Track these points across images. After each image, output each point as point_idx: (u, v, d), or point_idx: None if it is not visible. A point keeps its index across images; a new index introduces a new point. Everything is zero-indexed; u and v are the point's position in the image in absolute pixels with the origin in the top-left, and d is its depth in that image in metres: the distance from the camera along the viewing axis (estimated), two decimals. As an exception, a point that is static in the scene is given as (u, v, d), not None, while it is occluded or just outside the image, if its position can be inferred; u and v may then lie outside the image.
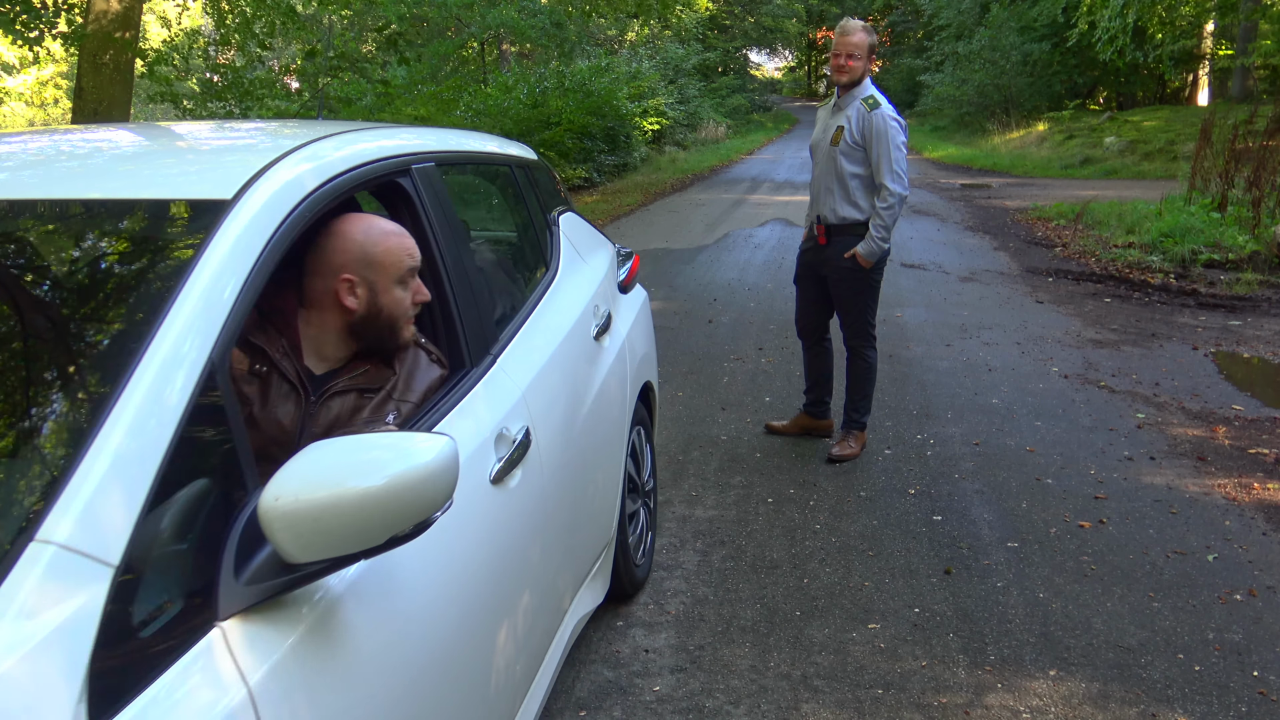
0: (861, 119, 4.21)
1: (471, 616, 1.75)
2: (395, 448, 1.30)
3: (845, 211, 4.30)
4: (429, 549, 1.60)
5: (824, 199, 4.35)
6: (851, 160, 4.24)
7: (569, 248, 3.11)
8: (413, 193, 2.06)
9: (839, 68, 4.22)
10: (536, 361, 2.36)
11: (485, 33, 19.48)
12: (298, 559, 1.24)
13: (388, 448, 1.30)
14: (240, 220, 1.48)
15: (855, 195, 4.27)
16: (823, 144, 4.35)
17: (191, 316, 1.31)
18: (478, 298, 2.20)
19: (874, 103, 4.22)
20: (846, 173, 4.25)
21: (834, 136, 4.26)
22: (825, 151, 4.31)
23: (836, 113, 4.33)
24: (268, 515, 1.21)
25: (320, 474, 1.24)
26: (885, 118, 4.21)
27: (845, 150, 4.23)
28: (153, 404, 1.21)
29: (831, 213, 4.33)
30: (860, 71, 4.22)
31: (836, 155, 4.26)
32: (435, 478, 1.30)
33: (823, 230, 4.35)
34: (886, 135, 4.18)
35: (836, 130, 4.25)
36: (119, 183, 1.65)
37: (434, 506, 1.32)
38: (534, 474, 2.12)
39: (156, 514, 1.15)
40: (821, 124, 4.47)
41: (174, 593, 1.17)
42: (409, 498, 1.27)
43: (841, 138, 4.23)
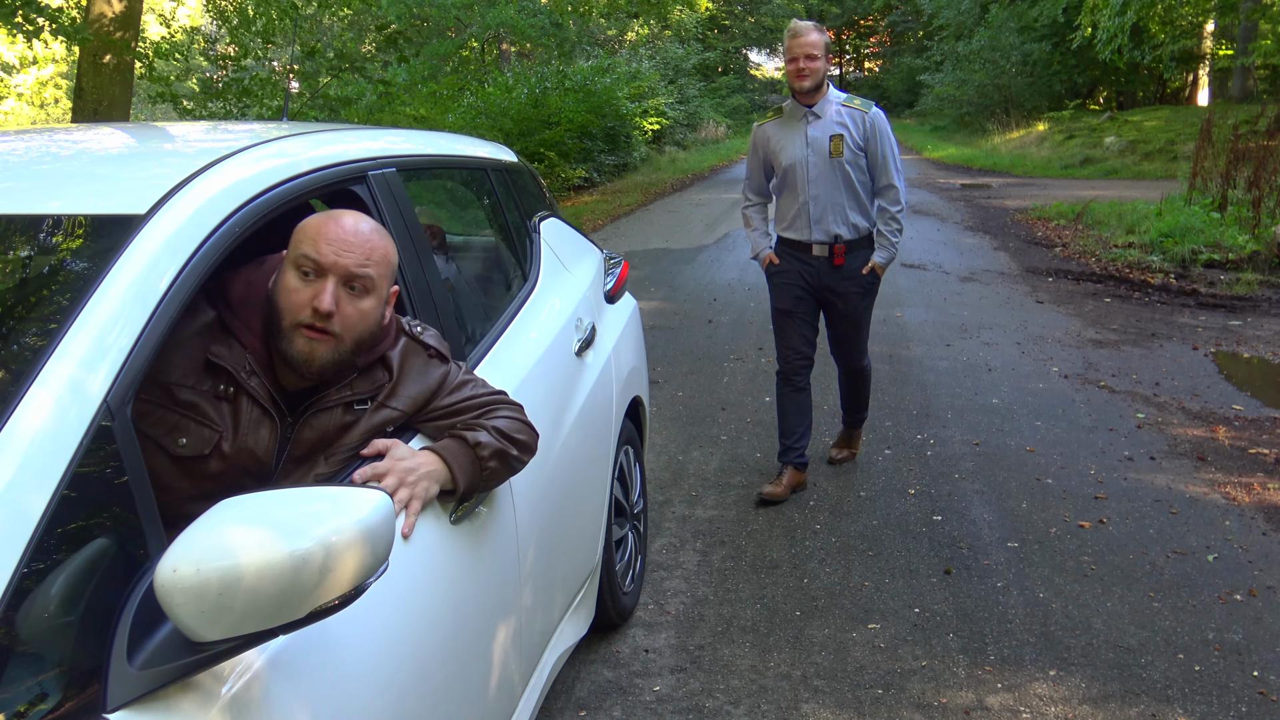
0: (862, 122, 3.92)
1: (429, 677, 1.59)
2: (316, 507, 1.15)
3: (861, 222, 4.01)
4: (374, 606, 1.42)
5: (832, 216, 3.96)
6: (857, 168, 3.94)
7: (551, 256, 2.92)
8: (369, 201, 1.88)
9: (799, 73, 3.84)
10: (510, 382, 2.18)
11: (485, 33, 19.49)
12: (204, 637, 1.07)
13: (308, 506, 1.15)
14: (153, 239, 1.31)
15: (866, 204, 4.00)
16: (814, 159, 3.93)
17: (85, 352, 1.16)
18: (445, 316, 2.03)
19: (863, 103, 3.99)
20: (856, 182, 3.95)
21: (833, 148, 3.90)
22: (823, 166, 3.92)
23: (815, 122, 3.93)
24: (165, 588, 1.04)
25: (227, 539, 1.07)
26: (883, 115, 4.01)
27: (851, 159, 3.92)
28: (32, 456, 1.06)
29: (848, 228, 3.98)
30: (823, 73, 3.88)
31: (843, 167, 3.92)
32: (364, 541, 1.14)
33: (841, 250, 3.97)
34: (888, 134, 3.98)
35: (834, 140, 3.90)
36: (19, 196, 1.46)
37: (365, 573, 1.16)
38: (505, 508, 1.96)
39: (31, 585, 1.01)
40: (792, 140, 3.98)
41: (51, 679, 1.01)
42: (334, 565, 1.11)
43: (844, 146, 3.90)
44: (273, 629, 1.11)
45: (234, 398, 1.60)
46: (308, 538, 1.10)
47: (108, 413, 1.14)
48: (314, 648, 1.33)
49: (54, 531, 1.04)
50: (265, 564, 1.07)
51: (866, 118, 3.93)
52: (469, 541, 1.79)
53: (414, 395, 1.75)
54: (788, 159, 3.96)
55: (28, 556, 1.01)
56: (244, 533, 1.08)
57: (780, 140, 4.00)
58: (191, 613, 1.05)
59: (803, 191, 3.96)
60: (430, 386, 1.78)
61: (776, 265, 4.07)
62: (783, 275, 4.07)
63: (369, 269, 1.61)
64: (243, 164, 1.57)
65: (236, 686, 1.19)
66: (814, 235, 3.97)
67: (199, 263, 1.35)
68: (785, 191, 4.04)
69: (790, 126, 3.98)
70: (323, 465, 1.66)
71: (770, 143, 4.03)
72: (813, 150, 3.92)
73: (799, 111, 3.94)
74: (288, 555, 1.08)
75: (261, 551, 1.07)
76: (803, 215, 3.99)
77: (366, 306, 1.63)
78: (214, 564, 1.05)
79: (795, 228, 4.02)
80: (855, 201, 3.98)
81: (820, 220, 3.96)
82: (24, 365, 1.15)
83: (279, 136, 1.81)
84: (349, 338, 1.62)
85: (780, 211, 4.12)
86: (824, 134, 3.91)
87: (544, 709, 2.64)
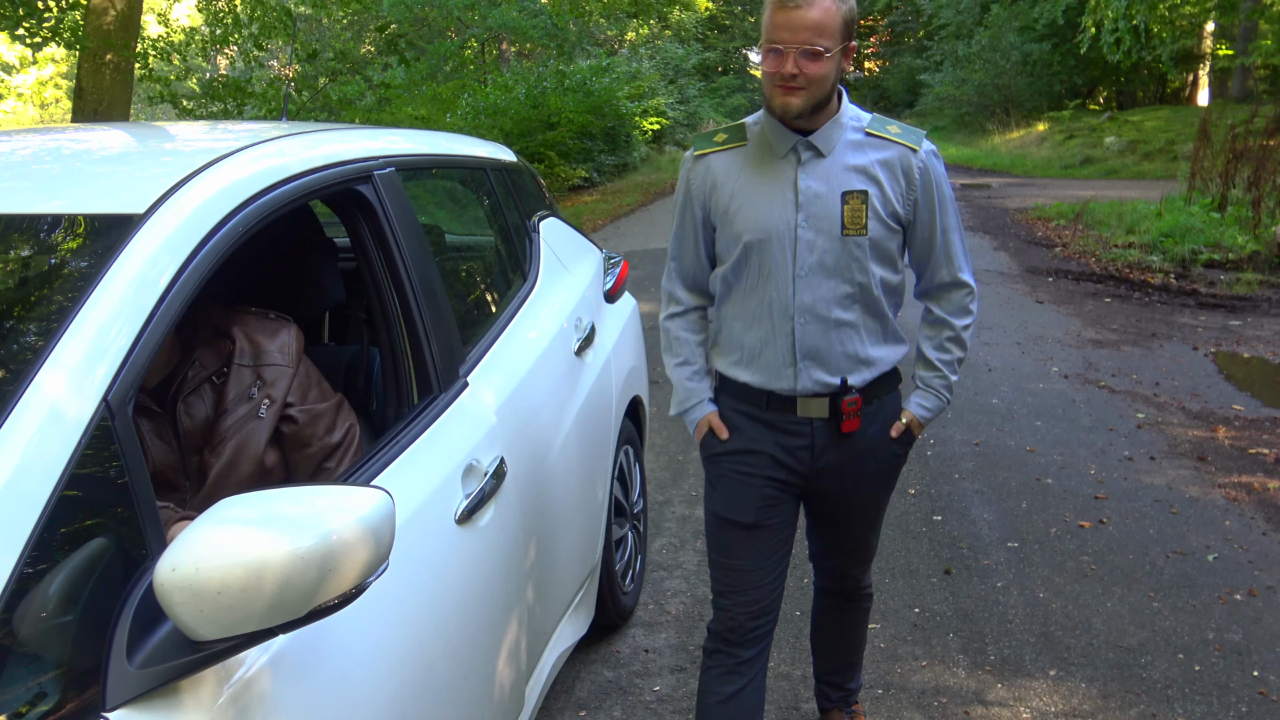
0: (904, 168, 2.05)
1: (430, 677, 1.59)
2: (317, 505, 1.15)
3: (885, 354, 2.22)
4: (377, 606, 1.43)
5: (838, 346, 2.10)
6: (886, 257, 2.12)
7: (550, 255, 2.91)
8: (374, 202, 1.88)
9: (787, 83, 1.90)
10: (512, 382, 2.19)
11: (486, 33, 19.49)
12: (204, 636, 1.07)
13: (309, 505, 1.15)
14: (152, 238, 1.31)
15: (894, 319, 2.25)
16: (808, 234, 2.02)
17: (85, 351, 1.16)
18: (446, 315, 2.03)
19: (904, 131, 2.09)
20: (881, 282, 2.13)
21: (849, 215, 2.02)
22: (827, 249, 2.03)
23: (814, 163, 2.02)
24: (164, 587, 1.04)
25: (227, 537, 1.07)
26: (938, 157, 2.13)
27: (880, 238, 2.07)
28: (31, 455, 1.06)
29: (863, 366, 2.16)
30: (832, 81, 1.96)
31: (862, 252, 2.06)
32: (365, 540, 1.14)
33: (854, 407, 2.14)
34: (948, 191, 2.15)
35: (850, 201, 2.02)
36: (19, 196, 1.47)
37: (366, 572, 1.15)
38: (508, 509, 1.97)
39: (30, 583, 1.01)
40: (767, 192, 2.05)
41: (50, 678, 1.01)
42: (335, 564, 1.11)
43: (867, 214, 2.03)
44: (272, 628, 1.10)
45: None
46: (308, 536, 1.09)
47: (107, 411, 1.14)
48: (315, 647, 1.32)
49: (53, 530, 1.04)
50: (265, 563, 1.06)
51: (914, 161, 2.06)
52: (470, 541, 1.79)
53: (279, 348, 1.86)
54: (755, 228, 2.03)
55: (27, 555, 1.00)
56: (244, 531, 1.07)
57: (742, 190, 2.06)
58: (191, 612, 1.05)
59: (782, 294, 2.05)
60: (290, 339, 1.89)
61: (726, 440, 2.16)
62: (737, 459, 2.14)
63: None
64: (241, 164, 1.57)
65: (237, 685, 1.18)
66: (800, 382, 2.09)
67: (198, 262, 1.35)
68: (745, 292, 2.10)
69: (762, 166, 2.05)
70: (214, 439, 1.77)
71: (720, 192, 2.08)
72: (808, 216, 2.02)
73: (783, 140, 2.02)
74: (288, 554, 1.07)
75: (262, 550, 1.06)
76: (779, 342, 2.07)
77: None
78: (214, 563, 1.04)
79: (763, 365, 2.10)
80: (878, 318, 2.17)
81: (815, 354, 2.08)
82: (24, 364, 1.14)
83: (278, 136, 1.81)
84: None
85: (731, 331, 2.15)
86: (831, 187, 2.02)
87: (544, 709, 2.64)
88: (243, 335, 1.84)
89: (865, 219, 2.04)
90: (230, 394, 1.78)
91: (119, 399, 1.16)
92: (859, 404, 2.15)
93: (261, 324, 1.89)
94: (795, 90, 1.91)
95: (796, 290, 2.04)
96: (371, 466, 1.65)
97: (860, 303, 2.11)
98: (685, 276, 2.22)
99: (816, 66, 1.90)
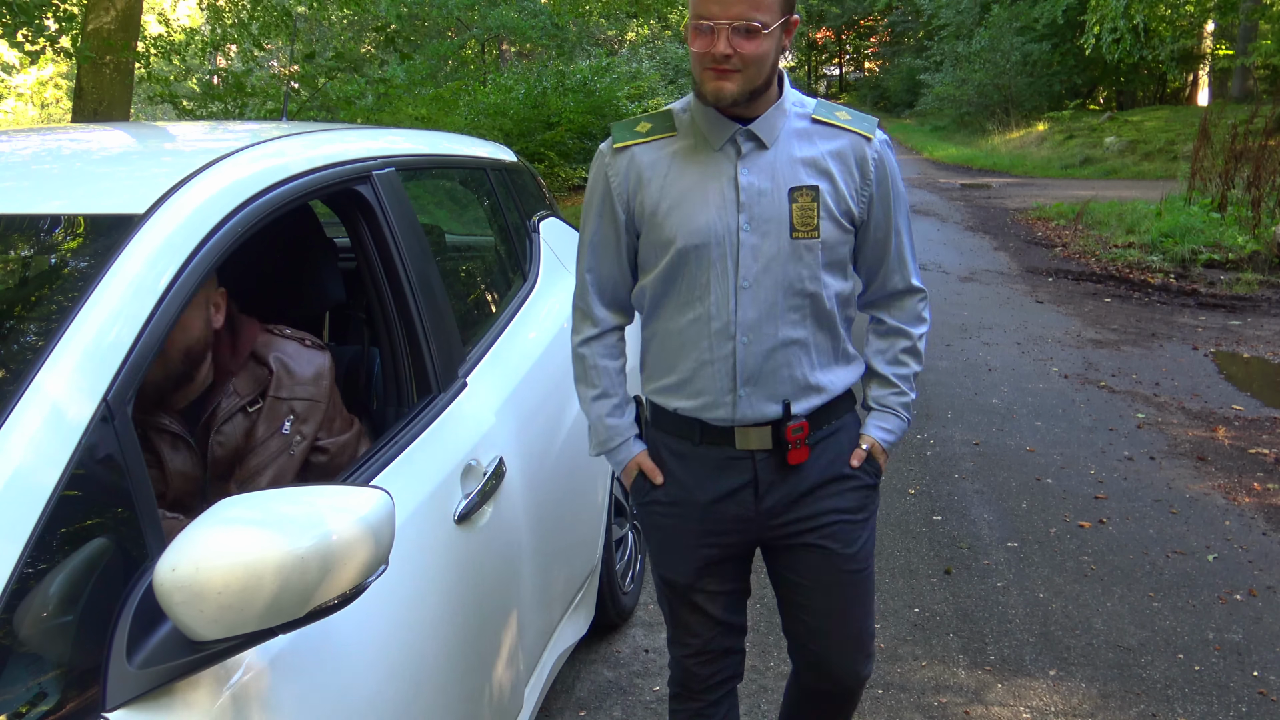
0: (857, 159, 1.77)
1: (431, 677, 1.60)
2: (317, 505, 1.14)
3: (837, 377, 1.84)
4: (375, 606, 1.43)
5: (784, 367, 1.77)
6: (838, 262, 1.79)
7: (550, 256, 2.90)
8: (374, 202, 1.88)
9: (722, 64, 1.63)
10: (511, 382, 2.18)
11: (486, 33, 19.50)
12: (204, 636, 1.07)
13: (308, 504, 1.14)
14: (152, 238, 1.31)
15: (845, 334, 1.85)
16: (751, 238, 1.73)
17: (85, 351, 1.16)
18: (446, 316, 2.04)
19: (856, 119, 1.81)
20: (834, 292, 1.79)
21: (797, 215, 1.72)
22: (773, 254, 1.73)
23: (755, 155, 1.73)
24: (164, 587, 1.04)
25: (227, 537, 1.07)
26: (891, 150, 1.85)
27: (833, 241, 1.76)
28: (31, 455, 1.06)
29: (810, 391, 1.80)
30: (771, 61, 1.68)
31: (812, 258, 1.74)
32: (365, 540, 1.14)
33: (800, 434, 1.78)
34: (900, 185, 1.86)
35: (799, 198, 1.72)
36: (19, 196, 1.47)
37: (366, 572, 1.15)
38: (507, 509, 1.97)
39: (31, 583, 1.01)
40: (700, 186, 1.75)
41: (50, 678, 1.01)
42: (334, 564, 1.11)
43: (819, 213, 1.74)
44: (273, 628, 1.10)
45: (144, 435, 1.66)
46: (308, 536, 1.09)
47: (107, 411, 1.14)
48: (316, 647, 1.32)
49: (54, 530, 1.04)
50: (265, 562, 1.06)
51: (868, 151, 1.78)
52: (469, 541, 1.79)
53: (313, 380, 1.82)
54: (690, 232, 1.73)
55: (27, 555, 1.00)
56: (244, 531, 1.07)
57: (672, 187, 1.76)
58: (191, 612, 1.04)
59: (722, 310, 1.75)
60: (324, 371, 1.86)
61: (657, 485, 1.87)
62: (670, 511, 1.86)
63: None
64: (241, 164, 1.57)
65: (237, 685, 1.18)
66: (740, 410, 1.77)
67: (199, 262, 1.35)
68: (677, 308, 1.80)
69: (696, 160, 1.76)
70: (239, 471, 1.74)
71: (646, 190, 1.78)
72: (751, 217, 1.72)
73: (719, 129, 1.73)
74: (288, 554, 1.07)
75: (261, 550, 1.06)
76: (717, 366, 1.77)
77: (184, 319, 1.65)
78: (213, 563, 1.04)
79: (697, 391, 1.80)
80: (830, 334, 1.81)
81: (757, 378, 1.76)
82: (24, 364, 1.14)
83: (278, 136, 1.81)
84: (176, 353, 1.68)
85: (659, 352, 1.87)
86: (777, 182, 1.73)
87: (544, 709, 2.64)
88: (280, 365, 1.81)
89: (817, 219, 1.74)
90: (264, 426, 1.76)
91: (119, 399, 1.16)
92: (805, 430, 1.79)
93: (299, 352, 1.86)
94: (728, 74, 1.64)
95: (739, 304, 1.73)
96: (371, 466, 1.65)
97: (812, 317, 1.78)
98: (603, 291, 1.92)
99: (753, 45, 1.61)
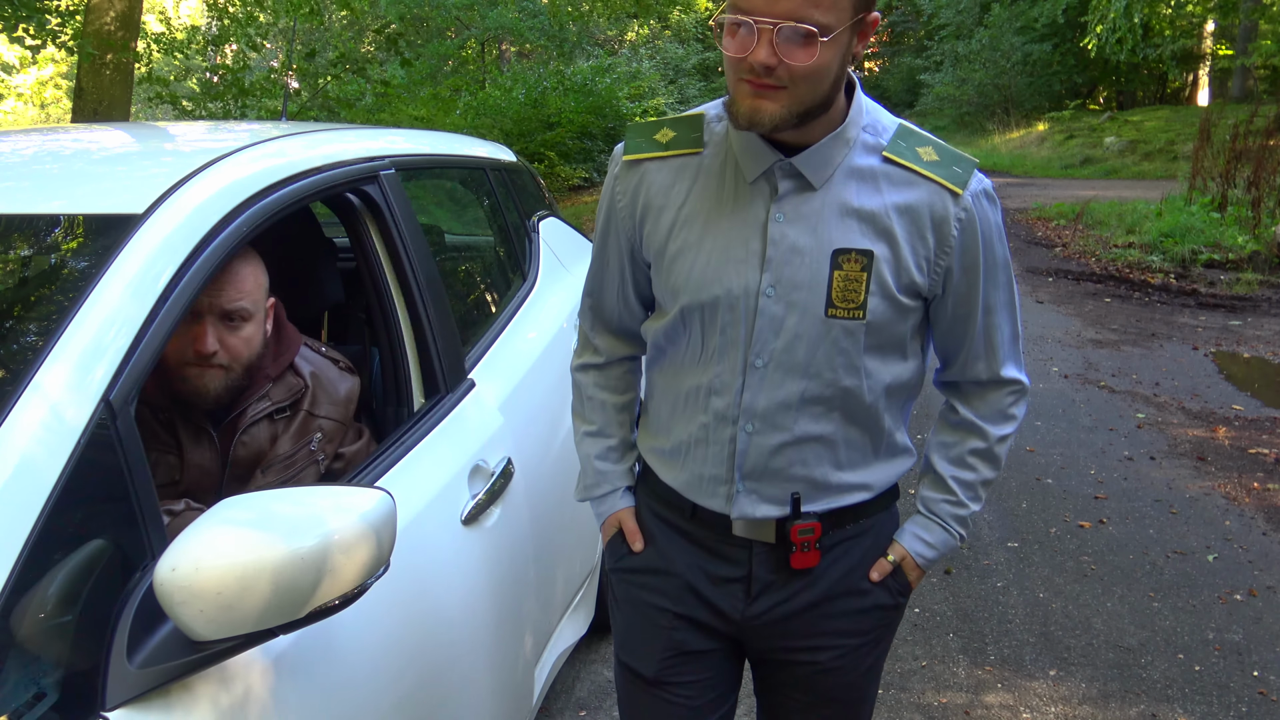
0: (938, 222, 1.31)
1: (436, 677, 1.59)
2: (318, 505, 1.14)
3: (872, 476, 1.49)
4: (382, 606, 1.42)
5: (786, 465, 1.38)
6: (891, 343, 1.36)
7: (550, 255, 2.90)
8: (381, 202, 1.89)
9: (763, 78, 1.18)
10: (512, 383, 2.19)
11: (485, 34, 19.50)
12: (204, 636, 1.06)
13: (309, 505, 1.14)
14: (151, 238, 1.31)
15: (894, 428, 1.46)
16: (774, 306, 1.31)
17: (85, 350, 1.15)
18: (448, 315, 2.04)
19: (945, 156, 1.33)
20: (877, 385, 1.37)
21: (839, 287, 1.29)
22: (800, 330, 1.31)
23: (797, 197, 1.30)
24: (164, 587, 1.04)
25: (227, 537, 1.06)
26: (992, 203, 1.36)
27: (884, 321, 1.33)
28: (31, 455, 1.05)
29: (830, 490, 1.43)
30: (831, 75, 1.21)
31: (851, 343, 1.32)
32: (365, 540, 1.13)
33: (812, 535, 1.41)
34: (1002, 256, 1.39)
35: (845, 266, 1.29)
36: (19, 196, 1.47)
37: (366, 573, 1.15)
38: (513, 510, 1.97)
39: (30, 583, 1.00)
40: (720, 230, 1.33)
41: (49, 678, 1.00)
42: (334, 564, 1.10)
43: (866, 290, 1.30)
44: (273, 629, 1.10)
45: (170, 424, 1.71)
46: (309, 536, 1.08)
47: (108, 410, 1.13)
48: (319, 647, 1.31)
49: (53, 530, 1.03)
50: (265, 562, 1.05)
51: (952, 210, 1.31)
52: (476, 542, 1.79)
53: (342, 403, 1.85)
54: (698, 287, 1.35)
55: (27, 554, 1.00)
56: (244, 532, 1.07)
57: (687, 224, 1.37)
58: (191, 612, 1.04)
59: (724, 387, 1.37)
60: (353, 395, 1.89)
61: (635, 552, 1.54)
62: (643, 580, 1.53)
63: (242, 301, 1.69)
64: (241, 164, 1.56)
65: (238, 686, 1.17)
66: (737, 506, 1.41)
67: (199, 263, 1.35)
68: (679, 367, 1.44)
69: (720, 193, 1.35)
70: (260, 478, 1.74)
71: (656, 221, 1.39)
72: (777, 281, 1.31)
73: (755, 157, 1.31)
74: (288, 554, 1.07)
75: (261, 550, 1.06)
76: (711, 450, 1.41)
77: (248, 333, 1.71)
78: (213, 563, 1.04)
79: (689, 468, 1.45)
80: (866, 428, 1.42)
81: (760, 473, 1.39)
82: (23, 363, 1.14)
83: (278, 136, 1.81)
84: (239, 365, 1.71)
85: (658, 407, 1.51)
86: (818, 239, 1.30)
87: (544, 709, 2.64)
88: (316, 381, 1.84)
89: (864, 294, 1.29)
90: (292, 439, 1.77)
91: (120, 399, 1.16)
92: (817, 532, 1.41)
93: (332, 372, 1.89)
94: (770, 90, 1.19)
95: (747, 386, 1.34)
96: (378, 466, 1.65)
97: (840, 411, 1.36)
98: (606, 321, 1.57)
99: (806, 55, 1.15)
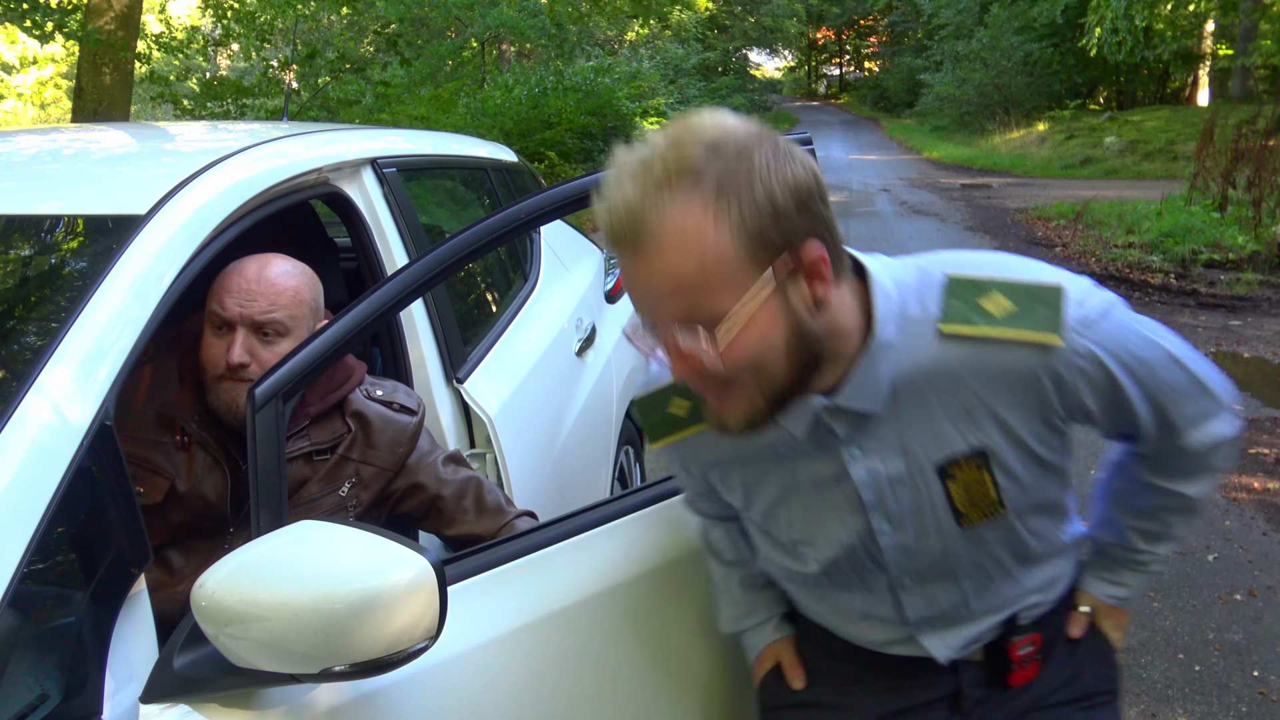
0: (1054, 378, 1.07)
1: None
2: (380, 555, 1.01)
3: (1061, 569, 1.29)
4: None
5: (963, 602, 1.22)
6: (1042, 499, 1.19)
7: (550, 256, 2.91)
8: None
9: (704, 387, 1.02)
10: (511, 383, 2.18)
11: (485, 33, 19.50)
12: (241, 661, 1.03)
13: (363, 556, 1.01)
14: (154, 239, 1.30)
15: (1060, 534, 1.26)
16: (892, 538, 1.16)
17: (87, 351, 1.15)
18: (448, 315, 2.04)
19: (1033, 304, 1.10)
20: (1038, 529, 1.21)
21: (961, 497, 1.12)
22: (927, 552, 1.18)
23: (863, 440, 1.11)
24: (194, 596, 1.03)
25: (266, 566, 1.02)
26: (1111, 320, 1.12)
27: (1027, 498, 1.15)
28: (33, 455, 1.05)
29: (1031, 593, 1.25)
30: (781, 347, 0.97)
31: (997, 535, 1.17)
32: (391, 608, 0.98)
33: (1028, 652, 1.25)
34: (1153, 356, 1.12)
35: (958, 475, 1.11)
36: (19, 196, 1.46)
37: (391, 645, 0.99)
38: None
39: (31, 584, 1.00)
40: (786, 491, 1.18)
41: (49, 679, 1.02)
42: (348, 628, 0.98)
43: (995, 487, 1.12)
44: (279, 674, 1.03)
45: (188, 446, 1.60)
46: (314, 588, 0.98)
47: (110, 411, 1.13)
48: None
49: (55, 531, 1.03)
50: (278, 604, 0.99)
51: (1057, 364, 1.07)
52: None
53: (388, 447, 1.69)
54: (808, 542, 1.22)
55: (29, 555, 1.00)
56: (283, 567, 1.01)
57: (760, 484, 1.21)
58: (210, 631, 1.02)
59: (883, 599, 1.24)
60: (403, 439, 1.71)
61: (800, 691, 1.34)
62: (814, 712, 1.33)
63: (275, 314, 1.57)
64: (243, 164, 1.57)
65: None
66: (929, 645, 1.25)
67: (200, 262, 1.35)
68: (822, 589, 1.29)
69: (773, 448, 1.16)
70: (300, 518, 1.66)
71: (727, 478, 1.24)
72: (887, 516, 1.15)
73: (796, 412, 1.08)
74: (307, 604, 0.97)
75: (282, 591, 0.99)
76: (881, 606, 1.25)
77: (282, 349, 1.57)
78: (232, 590, 1.00)
79: (865, 620, 1.28)
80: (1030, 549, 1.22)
81: (938, 619, 1.24)
82: (26, 364, 1.14)
83: (279, 136, 1.81)
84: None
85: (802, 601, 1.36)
86: (913, 461, 1.12)
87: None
88: (359, 426, 1.68)
89: (994, 491, 1.13)
90: (321, 480, 1.65)
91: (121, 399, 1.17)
92: (1039, 643, 1.25)
93: (381, 415, 1.71)
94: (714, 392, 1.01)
95: (903, 602, 1.22)
96: None
97: (1010, 556, 1.22)
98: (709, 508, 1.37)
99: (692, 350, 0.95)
